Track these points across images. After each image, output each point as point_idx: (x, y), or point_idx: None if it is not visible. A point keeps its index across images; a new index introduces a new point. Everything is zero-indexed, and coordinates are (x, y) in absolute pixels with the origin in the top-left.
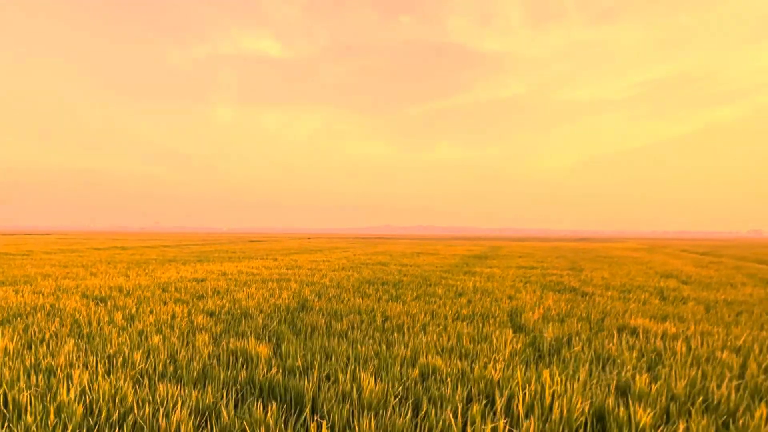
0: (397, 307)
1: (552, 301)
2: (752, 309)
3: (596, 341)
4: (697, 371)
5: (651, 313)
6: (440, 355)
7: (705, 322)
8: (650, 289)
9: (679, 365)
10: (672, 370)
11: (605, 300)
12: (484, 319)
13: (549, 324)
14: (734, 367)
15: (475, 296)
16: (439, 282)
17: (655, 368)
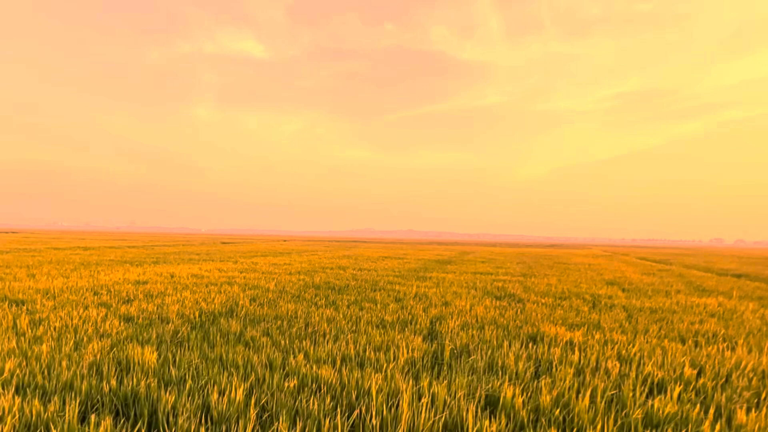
0: (326, 314)
1: (483, 307)
2: (671, 317)
3: (499, 350)
4: (575, 381)
5: (571, 321)
6: (334, 364)
7: (618, 330)
8: (587, 296)
9: (563, 375)
10: (553, 379)
11: (536, 307)
12: (404, 326)
13: (467, 331)
14: (613, 376)
15: (410, 302)
16: (385, 287)
17: (539, 378)
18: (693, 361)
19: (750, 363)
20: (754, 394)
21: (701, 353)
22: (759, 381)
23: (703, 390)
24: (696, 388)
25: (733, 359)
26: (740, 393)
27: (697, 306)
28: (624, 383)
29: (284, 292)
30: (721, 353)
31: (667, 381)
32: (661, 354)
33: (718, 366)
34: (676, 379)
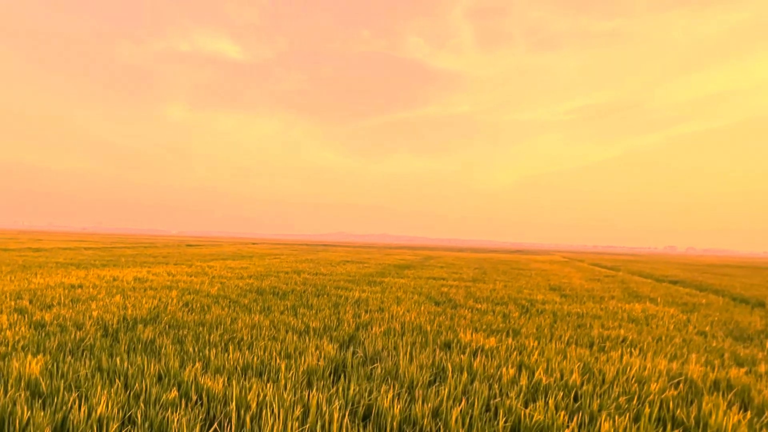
0: (254, 320)
1: (416, 313)
2: (592, 322)
3: (406, 357)
4: (463, 389)
5: (495, 327)
6: (231, 374)
7: (534, 336)
8: (523, 301)
9: (456, 382)
10: (446, 387)
11: (468, 313)
12: (327, 332)
13: (387, 338)
14: (503, 383)
15: (346, 307)
16: (330, 293)
17: (431, 386)
18: (586, 366)
19: (636, 368)
20: (628, 399)
21: (601, 359)
22: (638, 386)
23: (582, 396)
24: (578, 394)
25: (623, 364)
26: (616, 398)
27: (623, 311)
28: (511, 390)
29: (223, 297)
30: (620, 359)
31: (552, 388)
32: (561, 359)
33: (608, 372)
34: (561, 386)
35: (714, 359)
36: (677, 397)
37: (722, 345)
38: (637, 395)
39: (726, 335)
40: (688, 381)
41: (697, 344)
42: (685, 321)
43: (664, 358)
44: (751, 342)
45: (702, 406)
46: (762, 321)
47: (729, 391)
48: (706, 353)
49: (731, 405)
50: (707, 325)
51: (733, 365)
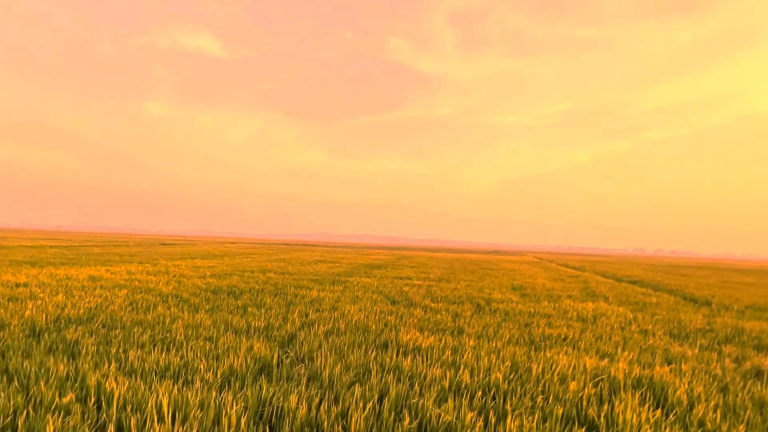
0: (197, 319)
1: (367, 313)
2: (539, 321)
3: (329, 359)
4: (400, 388)
5: (442, 326)
6: (146, 375)
7: (475, 335)
8: (480, 301)
9: (378, 383)
10: (362, 389)
11: (421, 312)
12: (267, 331)
13: (328, 338)
14: (426, 383)
15: (299, 307)
16: (288, 292)
17: (353, 386)
18: (515, 365)
19: (560, 366)
20: (545, 398)
21: (536, 357)
22: (560, 384)
23: (499, 395)
24: (498, 393)
25: (550, 363)
26: (533, 397)
27: (574, 310)
28: (431, 390)
29: (175, 296)
30: (550, 358)
31: (472, 387)
32: (495, 359)
33: (534, 370)
34: (483, 385)
35: (645, 357)
36: (593, 396)
37: (658, 343)
38: (553, 394)
39: (665, 333)
40: (610, 379)
41: (635, 342)
42: (632, 319)
43: (596, 356)
44: (687, 339)
45: (615, 405)
46: (704, 319)
47: (649, 389)
48: (640, 351)
49: (644, 403)
50: (651, 323)
51: (661, 363)
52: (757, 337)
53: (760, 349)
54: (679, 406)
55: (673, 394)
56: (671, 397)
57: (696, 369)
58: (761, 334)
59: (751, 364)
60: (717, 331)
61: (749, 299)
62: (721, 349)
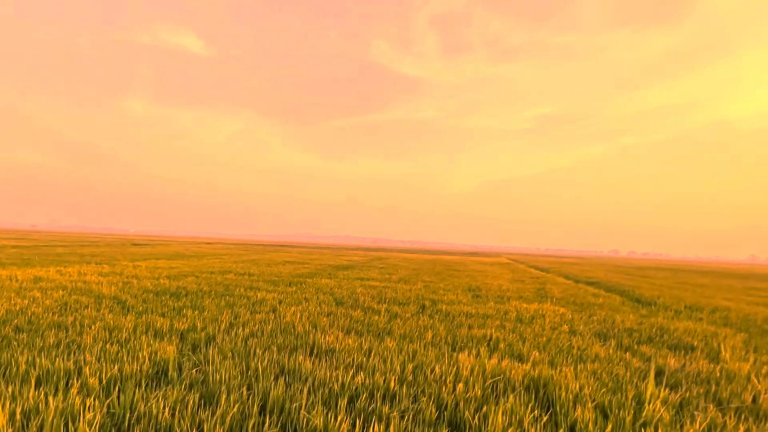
0: (120, 321)
1: (305, 314)
2: (474, 322)
3: (224, 362)
4: (284, 392)
5: (372, 328)
6: (25, 381)
7: (399, 337)
8: (427, 302)
9: (263, 387)
10: (241, 394)
11: (360, 314)
12: (187, 333)
13: (245, 342)
14: (315, 385)
15: (236, 309)
16: (236, 293)
17: (239, 390)
18: (420, 367)
19: (458, 368)
20: (430, 400)
21: (448, 358)
22: (452, 385)
23: (390, 397)
24: (389, 395)
25: (453, 365)
26: (416, 399)
27: (517, 311)
28: (317, 393)
29: (113, 297)
30: (458, 360)
31: (364, 389)
32: (405, 360)
33: (436, 371)
34: (377, 387)
35: (559, 358)
36: (479, 398)
37: (580, 343)
38: (439, 395)
39: (593, 334)
40: (506, 380)
41: (558, 343)
42: (569, 320)
43: (507, 358)
44: (612, 340)
45: (494, 407)
46: (638, 319)
47: (541, 390)
48: (557, 352)
49: (529, 403)
50: (584, 324)
51: (570, 363)
52: (678, 337)
53: (677, 348)
54: (561, 407)
55: (561, 395)
56: (558, 399)
57: (599, 370)
58: (683, 334)
59: (655, 364)
60: (643, 331)
61: (693, 299)
62: (638, 349)
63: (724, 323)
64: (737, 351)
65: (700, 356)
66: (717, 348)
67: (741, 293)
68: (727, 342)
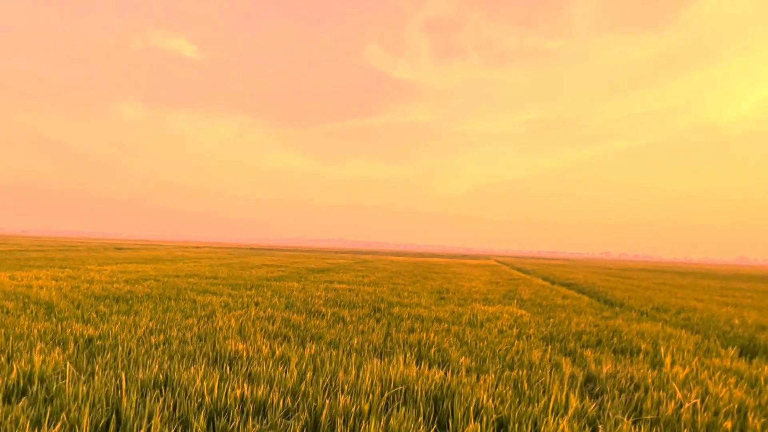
0: (32, 327)
1: (241, 320)
2: (419, 325)
3: (120, 374)
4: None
5: (308, 333)
6: None
7: (326, 343)
8: (384, 305)
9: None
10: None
11: (301, 318)
12: (91, 340)
13: (160, 348)
14: (205, 393)
15: (170, 314)
16: (186, 297)
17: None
18: (335, 374)
19: (367, 375)
20: (313, 417)
21: (364, 365)
22: (336, 399)
23: (268, 410)
24: (270, 409)
25: (361, 372)
26: (292, 412)
27: (474, 314)
28: (180, 408)
29: (40, 303)
30: (368, 367)
31: (234, 404)
32: (307, 370)
33: (340, 380)
34: (247, 403)
35: (490, 365)
36: (365, 413)
37: (521, 347)
38: (320, 410)
39: (542, 338)
40: (409, 390)
41: (495, 348)
42: (523, 323)
43: (431, 365)
44: (558, 343)
45: (374, 423)
46: (596, 322)
47: (443, 402)
48: (491, 357)
49: (421, 417)
50: (538, 327)
51: (495, 371)
52: (629, 340)
53: (623, 352)
54: (456, 422)
55: (463, 407)
56: (457, 411)
57: (524, 377)
58: (636, 337)
59: (589, 370)
60: (595, 334)
61: (663, 300)
62: (581, 353)
63: (683, 325)
64: (686, 354)
65: (642, 361)
66: (665, 352)
67: (716, 293)
68: (679, 344)
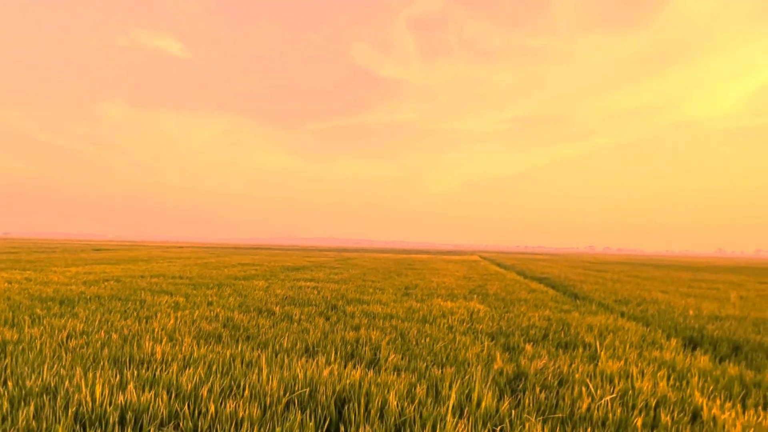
0: None
1: (182, 321)
2: (366, 322)
3: None
4: None
5: (248, 332)
6: None
7: (258, 343)
8: (341, 301)
9: None
10: None
11: (252, 316)
12: (3, 345)
13: (77, 351)
14: None
15: (109, 316)
16: (135, 298)
17: None
18: (235, 378)
19: (272, 378)
20: (193, 424)
21: (278, 366)
22: (225, 404)
23: (139, 418)
24: (154, 418)
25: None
26: (176, 420)
27: (430, 310)
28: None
29: None
30: (280, 367)
31: (111, 414)
32: (218, 372)
33: (243, 384)
34: (132, 408)
35: (419, 363)
36: (255, 418)
37: (465, 342)
38: (195, 419)
39: (490, 334)
40: (314, 392)
41: (432, 345)
42: (478, 318)
43: (355, 364)
44: (506, 338)
45: (256, 429)
46: (553, 315)
47: (346, 403)
48: (426, 354)
49: (313, 419)
50: (488, 322)
51: (416, 369)
52: (576, 334)
53: (567, 346)
54: (353, 425)
55: (362, 409)
56: (354, 414)
57: (445, 376)
58: (585, 330)
59: (519, 366)
60: (544, 328)
61: (627, 293)
62: (523, 348)
63: (639, 317)
64: (627, 348)
65: (581, 355)
66: (609, 345)
67: (683, 285)
68: (625, 337)
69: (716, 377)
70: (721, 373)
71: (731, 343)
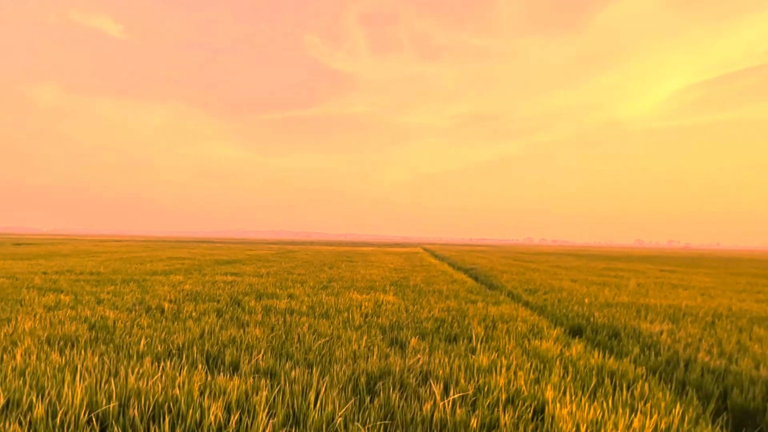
0: None
1: (48, 321)
2: (269, 321)
3: None
4: None
5: (113, 335)
6: None
7: (110, 346)
8: (249, 296)
9: None
10: None
11: (129, 318)
12: None
13: None
14: None
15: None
16: (8, 298)
17: None
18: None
19: (80, 391)
20: None
21: (94, 379)
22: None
23: None
24: None
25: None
26: None
27: (337, 304)
28: None
29: None
30: (114, 374)
31: None
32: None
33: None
34: None
35: (274, 360)
36: None
37: (350, 337)
38: None
39: (381, 326)
40: (121, 404)
41: (310, 342)
42: (383, 311)
43: (213, 367)
44: (386, 333)
45: None
46: (454, 306)
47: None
48: (302, 353)
49: None
50: (396, 315)
51: (284, 369)
52: (467, 326)
53: (456, 339)
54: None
55: (196, 418)
56: (186, 422)
57: (300, 378)
58: (476, 321)
59: (387, 364)
60: (441, 320)
61: (540, 282)
62: (407, 342)
63: (539, 306)
64: (512, 338)
65: (463, 348)
66: (495, 336)
67: (594, 274)
68: (514, 327)
69: (579, 367)
70: (584, 363)
71: (611, 329)
